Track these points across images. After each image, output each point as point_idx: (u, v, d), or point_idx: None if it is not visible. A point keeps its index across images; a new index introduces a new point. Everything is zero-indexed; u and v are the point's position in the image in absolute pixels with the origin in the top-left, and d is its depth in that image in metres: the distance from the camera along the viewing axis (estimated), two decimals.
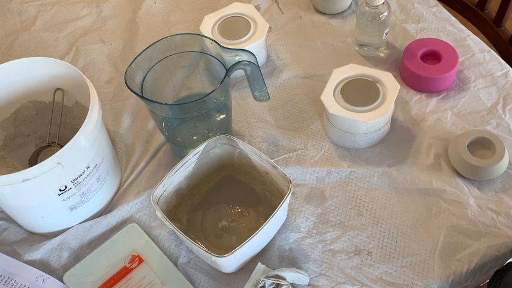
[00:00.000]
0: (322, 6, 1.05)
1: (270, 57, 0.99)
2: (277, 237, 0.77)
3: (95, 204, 0.80)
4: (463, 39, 0.97)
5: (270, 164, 0.74)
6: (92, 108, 0.72)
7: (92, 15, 1.10)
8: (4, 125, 0.84)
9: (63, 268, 0.76)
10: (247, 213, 0.80)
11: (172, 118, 0.83)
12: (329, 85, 0.84)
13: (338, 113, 0.81)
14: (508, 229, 0.75)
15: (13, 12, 1.12)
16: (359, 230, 0.77)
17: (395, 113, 0.89)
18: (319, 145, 0.87)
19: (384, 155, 0.85)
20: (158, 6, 1.10)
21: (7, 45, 1.06)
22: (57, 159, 0.67)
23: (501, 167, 0.79)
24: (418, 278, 0.72)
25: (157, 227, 0.79)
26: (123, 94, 0.96)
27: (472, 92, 0.90)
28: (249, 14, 0.96)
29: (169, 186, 0.75)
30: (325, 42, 1.01)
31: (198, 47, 0.81)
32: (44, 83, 0.81)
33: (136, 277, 0.75)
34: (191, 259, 0.76)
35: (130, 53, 1.02)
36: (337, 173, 0.83)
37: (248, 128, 0.89)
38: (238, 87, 0.95)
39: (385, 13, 0.90)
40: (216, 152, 0.79)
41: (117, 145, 0.89)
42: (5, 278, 0.74)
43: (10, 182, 0.66)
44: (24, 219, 0.79)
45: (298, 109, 0.92)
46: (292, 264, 0.75)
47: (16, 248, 0.78)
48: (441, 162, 0.83)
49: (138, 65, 0.77)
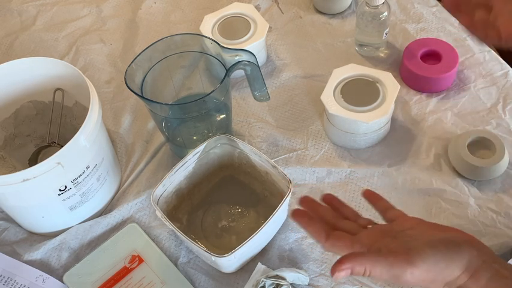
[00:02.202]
0: (322, 6, 1.05)
1: (270, 57, 0.99)
2: (277, 237, 0.77)
3: (95, 204, 0.80)
4: (463, 39, 0.97)
5: (270, 164, 0.74)
6: (92, 108, 0.72)
7: (92, 15, 1.10)
8: (4, 125, 0.84)
9: (63, 268, 0.76)
10: (247, 213, 0.80)
11: (172, 118, 0.83)
12: (329, 85, 0.84)
13: (338, 113, 0.81)
14: (508, 229, 0.75)
15: (13, 12, 1.11)
16: None
17: (395, 113, 0.89)
18: (319, 145, 0.87)
19: (383, 155, 0.85)
20: (158, 6, 1.10)
21: (7, 45, 1.06)
22: (57, 159, 0.67)
23: (501, 167, 0.79)
24: None
25: (157, 227, 0.79)
26: (123, 94, 0.96)
27: (472, 92, 0.90)
28: (249, 14, 0.96)
29: (169, 186, 0.75)
30: (325, 42, 1.01)
31: (198, 47, 0.81)
32: (44, 83, 0.81)
33: (136, 277, 0.75)
34: (191, 259, 0.76)
35: (130, 53, 1.02)
36: (337, 173, 0.83)
37: (248, 128, 0.89)
38: (238, 87, 0.95)
39: (385, 13, 0.90)
40: (216, 152, 0.79)
41: (117, 145, 0.89)
42: (5, 278, 0.74)
43: (10, 182, 0.66)
44: (24, 219, 0.79)
45: (298, 109, 0.92)
46: (292, 264, 0.75)
47: (16, 248, 0.78)
48: (441, 162, 0.83)
49: (138, 65, 0.77)
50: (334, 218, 0.60)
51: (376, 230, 0.57)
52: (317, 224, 0.57)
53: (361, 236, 0.56)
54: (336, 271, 0.51)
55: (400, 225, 0.56)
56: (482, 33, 0.60)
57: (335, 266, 0.51)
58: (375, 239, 0.55)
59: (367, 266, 0.51)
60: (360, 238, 0.55)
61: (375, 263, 0.51)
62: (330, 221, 0.59)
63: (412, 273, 0.50)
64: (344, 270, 0.51)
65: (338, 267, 0.51)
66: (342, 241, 0.55)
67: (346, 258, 0.51)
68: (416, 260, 0.50)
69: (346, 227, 0.58)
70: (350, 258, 0.51)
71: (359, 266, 0.51)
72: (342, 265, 0.51)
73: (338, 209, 0.62)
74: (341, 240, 0.55)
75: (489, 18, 0.62)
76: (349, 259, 0.51)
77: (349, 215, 0.61)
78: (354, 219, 0.60)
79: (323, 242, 0.56)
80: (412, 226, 0.55)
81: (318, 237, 0.56)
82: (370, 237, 0.55)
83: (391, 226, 0.57)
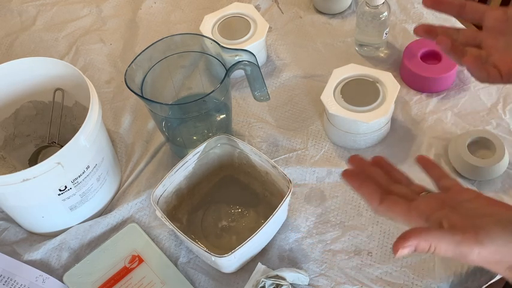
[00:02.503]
0: (322, 6, 1.05)
1: (270, 57, 0.99)
2: (277, 237, 0.77)
3: (95, 204, 0.80)
4: None
5: (270, 164, 0.74)
6: (92, 108, 0.72)
7: (92, 15, 1.10)
8: (4, 125, 0.84)
9: (63, 268, 0.76)
10: (247, 213, 0.80)
11: (172, 118, 0.83)
12: (329, 85, 0.84)
13: (338, 113, 0.81)
14: None
15: (13, 12, 1.12)
16: (359, 230, 0.77)
17: (395, 113, 0.89)
18: (319, 145, 0.87)
19: (383, 155, 0.84)
20: (158, 6, 1.10)
21: (7, 45, 1.06)
22: (57, 159, 0.67)
23: (501, 167, 0.79)
24: (418, 278, 0.72)
25: (157, 227, 0.79)
26: (123, 94, 0.96)
27: (472, 92, 0.90)
28: (249, 14, 0.96)
29: (169, 186, 0.75)
30: (325, 42, 1.01)
31: (198, 47, 0.81)
32: (44, 83, 0.81)
33: (136, 277, 0.75)
34: (191, 259, 0.76)
35: (130, 53, 1.02)
36: (337, 173, 0.83)
37: (248, 128, 0.89)
38: (238, 87, 0.95)
39: (385, 13, 0.90)
40: (216, 152, 0.79)
41: (117, 145, 0.89)
42: (5, 278, 0.74)
43: (10, 182, 0.66)
44: (24, 219, 0.79)
45: (298, 109, 0.92)
46: (292, 264, 0.75)
47: (16, 248, 0.79)
48: (441, 162, 0.83)
49: (138, 65, 0.77)
50: (386, 181, 0.57)
51: (432, 198, 0.54)
52: (370, 185, 0.55)
53: (418, 203, 0.53)
54: (400, 248, 0.48)
55: (456, 196, 0.54)
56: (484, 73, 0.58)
57: (398, 243, 0.48)
58: (433, 208, 0.52)
59: (433, 242, 0.48)
60: (417, 205, 0.53)
61: (440, 239, 0.48)
62: (382, 183, 0.56)
63: (479, 253, 0.47)
64: (408, 247, 0.48)
65: (402, 243, 0.48)
66: (398, 206, 0.53)
67: (411, 234, 0.48)
68: (485, 240, 0.47)
69: (399, 192, 0.56)
70: (415, 233, 0.48)
71: (424, 242, 0.48)
72: (406, 241, 0.48)
73: (389, 172, 0.59)
74: (397, 206, 0.53)
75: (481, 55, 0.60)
76: (414, 235, 0.48)
77: (401, 178, 0.59)
78: (406, 184, 0.58)
79: (376, 205, 0.54)
80: (469, 198, 0.53)
81: (370, 200, 0.54)
82: (427, 206, 0.52)
83: (447, 196, 0.54)
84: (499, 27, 0.60)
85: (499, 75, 0.57)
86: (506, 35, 0.60)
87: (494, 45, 0.60)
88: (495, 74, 0.57)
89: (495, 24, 0.61)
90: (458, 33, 0.63)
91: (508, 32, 0.60)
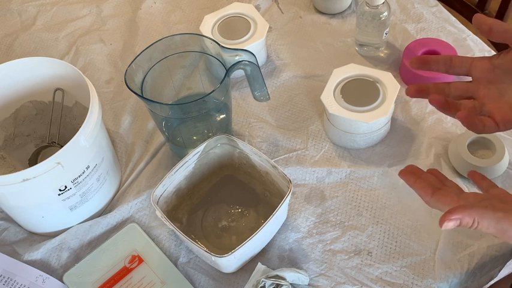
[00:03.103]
0: (322, 6, 1.05)
1: (270, 57, 0.99)
2: (277, 237, 0.77)
3: (95, 204, 0.80)
4: (463, 39, 0.97)
5: (270, 164, 0.74)
6: (92, 108, 0.72)
7: (91, 15, 1.10)
8: (4, 125, 0.84)
9: (63, 268, 0.76)
10: (247, 213, 0.80)
11: (172, 118, 0.83)
12: (329, 85, 0.84)
13: (338, 113, 0.81)
14: None
15: (13, 12, 1.12)
16: (359, 230, 0.77)
17: (395, 113, 0.89)
18: (319, 145, 0.87)
19: (383, 155, 0.85)
20: (158, 6, 1.10)
21: (7, 45, 1.06)
22: (57, 159, 0.67)
23: (501, 167, 0.79)
24: (418, 278, 0.72)
25: (157, 227, 0.79)
26: (123, 94, 0.96)
27: None
28: (249, 14, 0.96)
29: (169, 186, 0.75)
30: (325, 42, 1.01)
31: (198, 47, 0.81)
32: (44, 83, 0.81)
33: (136, 277, 0.75)
34: (191, 259, 0.76)
35: (130, 53, 1.02)
36: (337, 173, 0.83)
37: (248, 128, 0.89)
38: (238, 87, 0.95)
39: (385, 13, 0.90)
40: (216, 152, 0.79)
41: (117, 145, 0.89)
42: (5, 278, 0.74)
43: (10, 182, 0.66)
44: (24, 219, 0.79)
45: (298, 109, 0.92)
46: (292, 264, 0.75)
47: (16, 248, 0.79)
48: (441, 162, 0.83)
49: (138, 65, 0.77)
50: (438, 183, 0.63)
51: (479, 193, 0.60)
52: (424, 181, 0.61)
53: (467, 195, 0.58)
54: (445, 221, 0.52)
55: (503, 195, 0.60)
56: (479, 125, 0.59)
57: (444, 217, 0.53)
58: (481, 199, 0.57)
59: (476, 217, 0.52)
60: (466, 196, 0.58)
61: (483, 215, 0.52)
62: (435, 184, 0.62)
63: None
64: (453, 221, 0.52)
65: (447, 217, 0.52)
66: (447, 197, 0.58)
67: (456, 209, 0.53)
68: None
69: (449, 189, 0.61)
70: (460, 209, 0.53)
71: (468, 217, 0.52)
72: (451, 215, 0.52)
73: (442, 181, 0.65)
74: (447, 197, 0.58)
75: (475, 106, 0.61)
76: (459, 210, 0.53)
77: (452, 186, 0.64)
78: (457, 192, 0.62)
79: (428, 197, 0.59)
80: None
81: (423, 193, 0.60)
82: (475, 197, 0.58)
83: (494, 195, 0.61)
84: (487, 76, 0.62)
85: (494, 125, 0.59)
86: (497, 83, 0.61)
87: (486, 95, 0.61)
88: (490, 124, 0.59)
89: (483, 74, 0.62)
90: (449, 87, 0.64)
91: (497, 80, 0.61)
